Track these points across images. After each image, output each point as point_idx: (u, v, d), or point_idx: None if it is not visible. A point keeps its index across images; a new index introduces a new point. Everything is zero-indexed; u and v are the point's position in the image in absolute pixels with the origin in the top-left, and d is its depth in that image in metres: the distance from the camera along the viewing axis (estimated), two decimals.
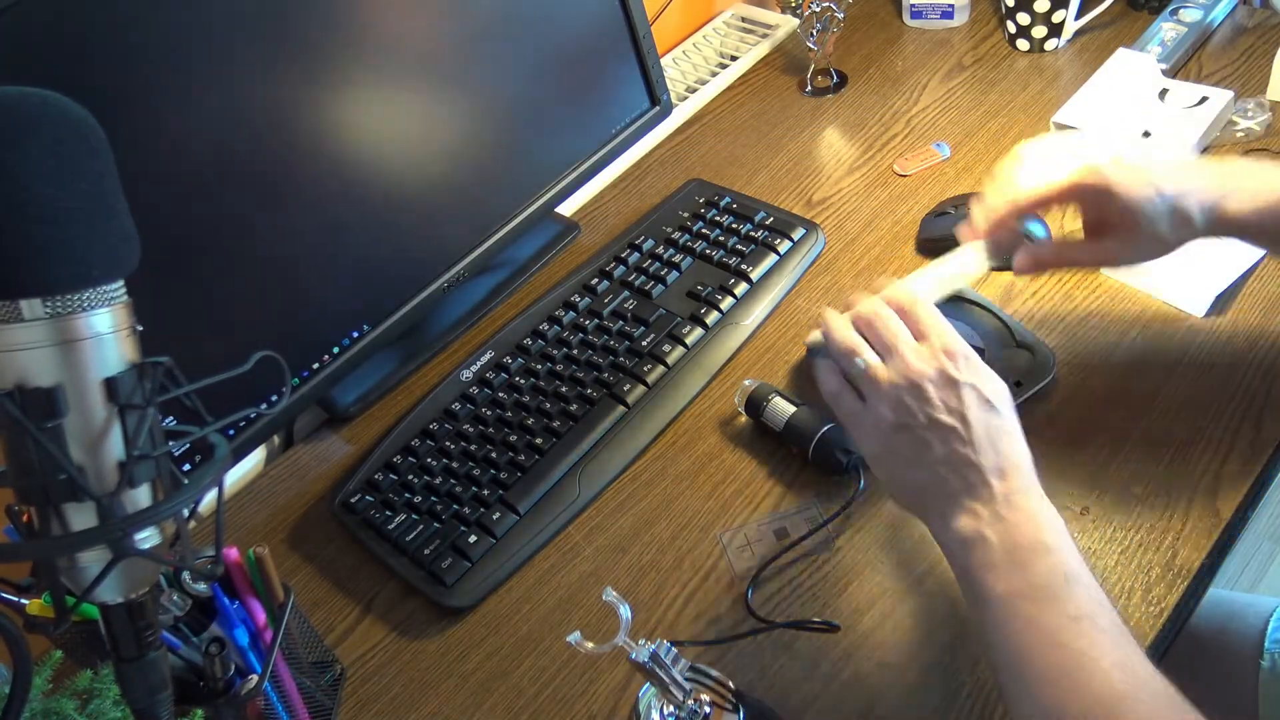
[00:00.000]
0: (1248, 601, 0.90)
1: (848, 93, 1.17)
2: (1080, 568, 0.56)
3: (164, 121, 0.71)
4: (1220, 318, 0.84)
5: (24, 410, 0.38)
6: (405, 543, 0.80)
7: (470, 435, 0.87)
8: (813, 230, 0.99)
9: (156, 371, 0.41)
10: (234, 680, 0.63)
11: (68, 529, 0.40)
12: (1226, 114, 0.99)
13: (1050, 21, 1.13)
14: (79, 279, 0.39)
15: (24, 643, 0.39)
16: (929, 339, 0.64)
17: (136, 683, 0.44)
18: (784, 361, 0.90)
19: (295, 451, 0.93)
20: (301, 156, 0.80)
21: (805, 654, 0.70)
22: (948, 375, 0.62)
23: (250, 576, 0.65)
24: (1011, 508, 0.58)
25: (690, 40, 1.30)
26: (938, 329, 0.64)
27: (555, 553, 0.80)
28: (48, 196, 0.38)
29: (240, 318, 0.81)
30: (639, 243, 1.00)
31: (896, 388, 0.63)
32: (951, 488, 0.60)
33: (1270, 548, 1.55)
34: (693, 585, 0.76)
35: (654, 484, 0.83)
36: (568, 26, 0.96)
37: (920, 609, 0.71)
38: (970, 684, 0.67)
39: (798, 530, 0.77)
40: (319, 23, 0.78)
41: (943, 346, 0.63)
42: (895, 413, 0.62)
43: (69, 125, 0.39)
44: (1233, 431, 0.76)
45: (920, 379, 0.62)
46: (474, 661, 0.75)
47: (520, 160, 0.97)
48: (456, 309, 1.00)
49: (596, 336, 0.93)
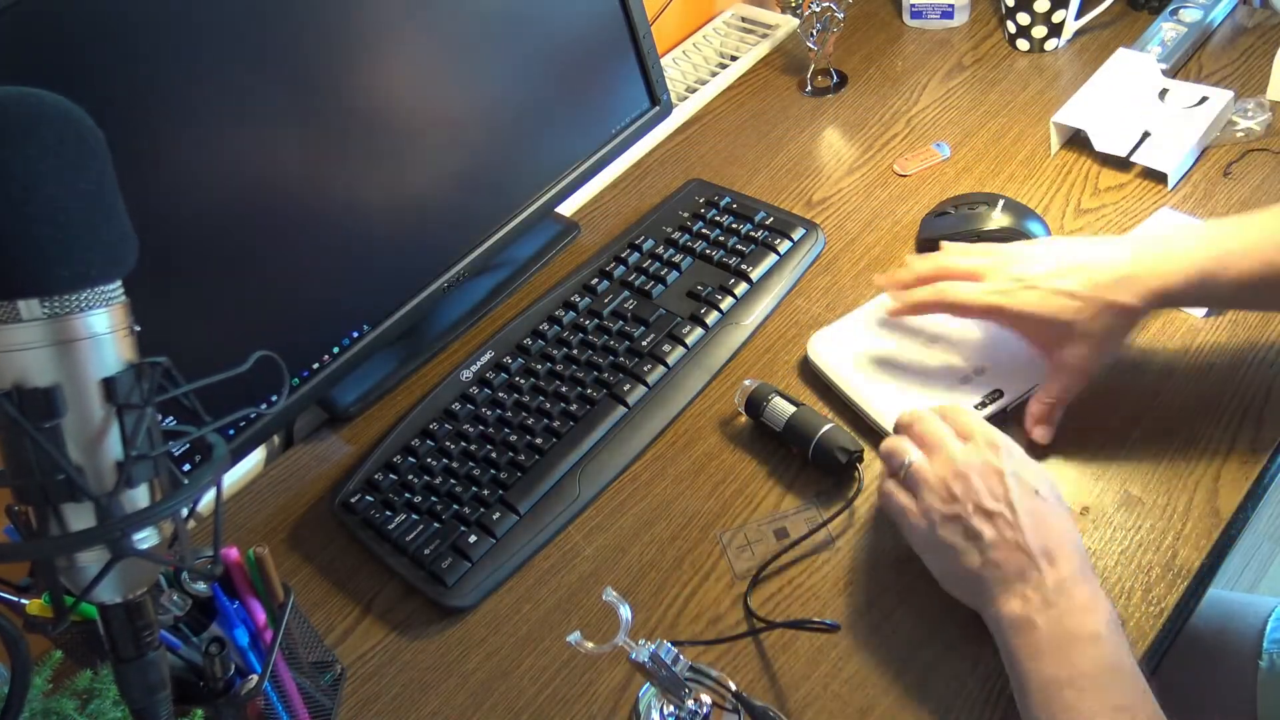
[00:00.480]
0: (1246, 602, 0.90)
1: (848, 93, 1.17)
2: (1125, 658, 0.58)
3: (164, 122, 0.71)
4: (1220, 318, 0.84)
5: (22, 410, 0.38)
6: (405, 543, 0.80)
7: (470, 435, 0.87)
8: (813, 230, 0.99)
9: (154, 371, 0.41)
10: (234, 680, 0.63)
11: (66, 529, 0.40)
12: (1226, 114, 0.99)
13: (1050, 21, 1.13)
14: (77, 279, 0.39)
15: (23, 643, 0.39)
16: (973, 436, 0.67)
17: (135, 683, 0.44)
18: (784, 361, 0.90)
19: (295, 451, 0.93)
20: (301, 156, 0.80)
21: (805, 654, 0.70)
22: (992, 465, 0.64)
23: (250, 576, 0.65)
24: (1062, 594, 0.59)
25: (690, 40, 1.30)
26: (980, 427, 0.67)
27: (555, 553, 0.80)
28: (46, 196, 0.38)
29: (240, 318, 0.81)
30: (639, 243, 1.00)
31: (943, 480, 0.65)
32: (1002, 572, 0.62)
33: (1270, 548, 1.55)
34: (693, 585, 0.76)
35: (654, 484, 0.83)
36: (568, 26, 0.96)
37: (920, 609, 0.71)
38: (970, 684, 0.67)
39: (798, 530, 0.77)
40: (318, 24, 0.78)
41: (987, 440, 0.66)
42: (944, 503, 0.64)
43: (68, 125, 0.39)
44: (1233, 431, 0.76)
45: (966, 469, 0.64)
46: (474, 661, 0.75)
47: (520, 160, 0.97)
48: (456, 309, 1.00)
49: (596, 336, 0.93)
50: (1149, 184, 0.97)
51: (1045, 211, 0.96)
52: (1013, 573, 0.61)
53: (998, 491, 0.63)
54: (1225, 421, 0.77)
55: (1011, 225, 0.90)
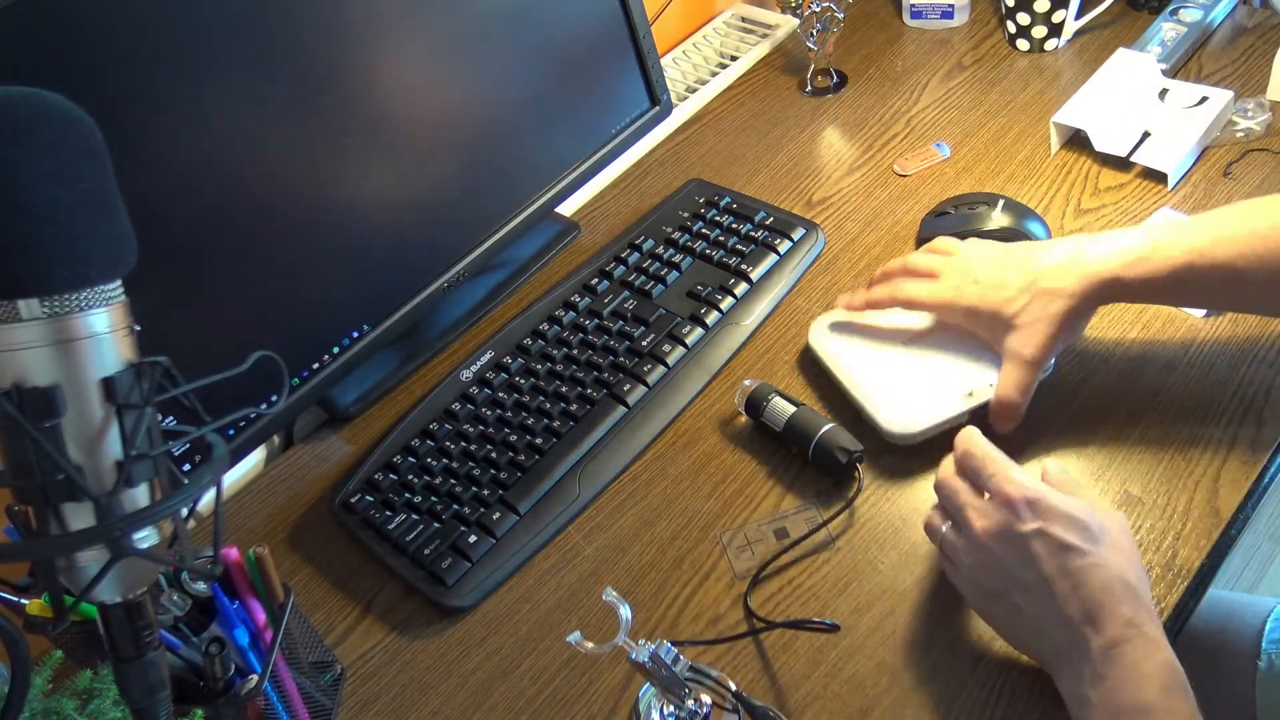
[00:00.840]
0: (1245, 602, 0.90)
1: (848, 93, 1.17)
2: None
3: (164, 122, 0.71)
4: (1220, 318, 0.84)
5: (22, 410, 0.38)
6: (405, 543, 0.80)
7: (470, 435, 0.87)
8: (813, 230, 0.99)
9: (154, 371, 0.41)
10: (234, 680, 0.63)
11: (66, 529, 0.40)
12: (1226, 114, 0.99)
13: (1050, 21, 1.13)
14: (77, 279, 0.39)
15: (23, 643, 0.39)
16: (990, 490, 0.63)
17: (135, 683, 0.44)
18: (784, 361, 0.90)
19: (295, 451, 0.93)
20: (301, 156, 0.80)
21: (805, 654, 0.70)
22: (1013, 532, 0.60)
23: (250, 576, 0.65)
24: (1111, 663, 0.56)
25: (690, 40, 1.30)
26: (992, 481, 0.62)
27: (555, 553, 0.80)
28: (46, 196, 0.38)
29: (240, 317, 0.81)
30: (639, 243, 1.00)
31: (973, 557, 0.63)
32: (1053, 645, 0.60)
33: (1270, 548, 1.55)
34: (693, 585, 0.76)
35: (654, 484, 0.83)
36: (568, 26, 0.96)
37: (920, 609, 0.71)
38: (970, 684, 0.66)
39: (798, 530, 0.77)
40: (318, 24, 0.78)
41: (1002, 498, 0.61)
42: (985, 580, 0.63)
43: (68, 125, 0.39)
44: (1233, 431, 0.76)
45: (988, 541, 0.61)
46: (474, 661, 0.75)
47: (520, 160, 0.97)
48: (456, 309, 1.00)
49: (596, 336, 0.93)
50: (1149, 184, 0.97)
51: (1045, 211, 0.96)
52: (1063, 647, 0.59)
53: (1026, 560, 0.60)
54: (1225, 421, 0.77)
55: (1011, 225, 0.90)
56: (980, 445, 0.65)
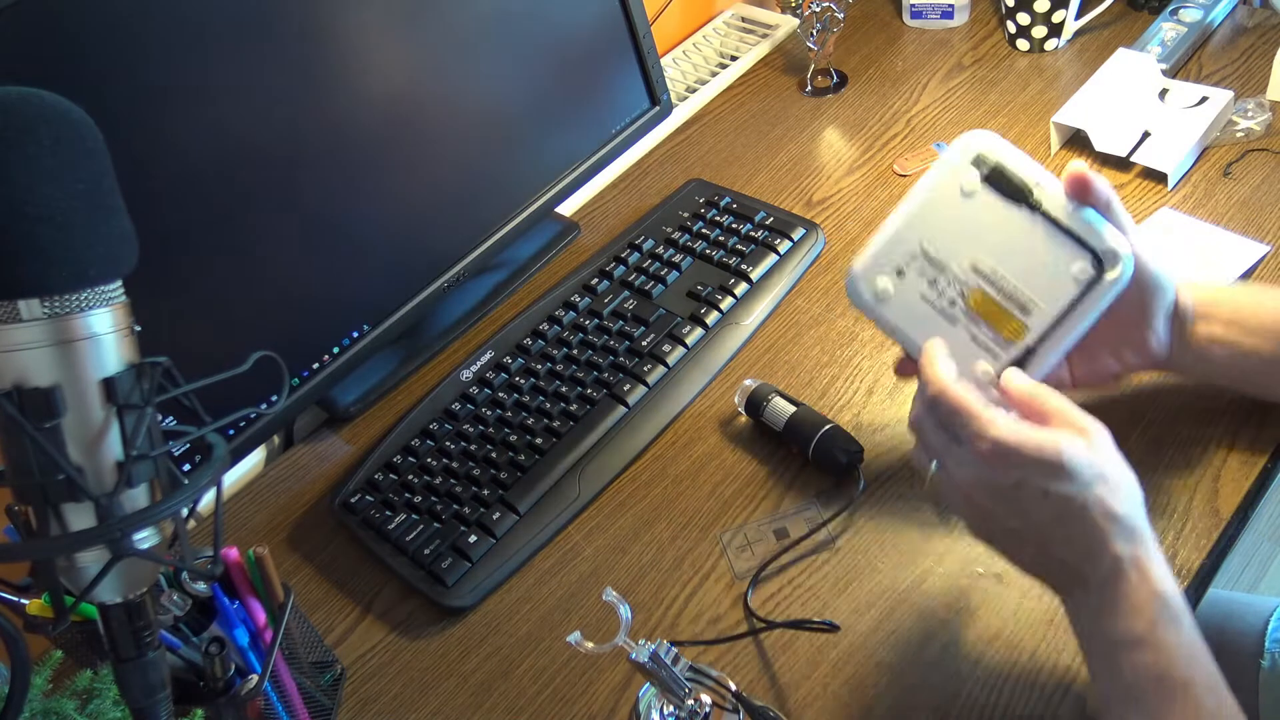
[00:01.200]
0: (1247, 601, 0.90)
1: (848, 93, 1.17)
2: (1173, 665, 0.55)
3: (163, 121, 0.71)
4: None
5: (22, 410, 0.38)
6: (405, 543, 0.80)
7: (470, 435, 0.87)
8: (813, 230, 0.99)
9: (155, 371, 0.41)
10: (234, 680, 0.63)
11: (66, 529, 0.40)
12: (1226, 114, 0.99)
13: (1050, 21, 1.13)
14: (77, 279, 0.39)
15: (23, 643, 0.39)
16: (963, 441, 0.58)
17: (135, 683, 0.44)
18: (784, 361, 0.90)
19: (295, 451, 0.93)
20: (301, 156, 0.80)
21: (805, 654, 0.70)
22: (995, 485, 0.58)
23: (250, 576, 0.65)
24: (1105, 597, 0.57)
25: (690, 40, 1.30)
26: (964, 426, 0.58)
27: (555, 553, 0.80)
28: (45, 196, 0.38)
29: (240, 318, 0.81)
30: (639, 243, 1.00)
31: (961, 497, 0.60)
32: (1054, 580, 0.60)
33: (1270, 548, 1.55)
34: (693, 585, 0.76)
35: (654, 484, 0.83)
36: (568, 26, 0.96)
37: (920, 609, 0.71)
38: (971, 684, 0.67)
39: (798, 530, 0.77)
40: (318, 24, 0.78)
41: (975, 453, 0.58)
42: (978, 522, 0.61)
43: (67, 125, 0.39)
44: (1233, 431, 0.76)
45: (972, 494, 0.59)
46: (474, 661, 0.75)
47: (520, 160, 0.97)
48: (456, 309, 1.00)
49: (596, 336, 0.93)
50: (1149, 184, 0.97)
51: None
52: (1062, 583, 0.59)
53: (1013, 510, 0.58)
54: (1225, 421, 0.77)
55: None
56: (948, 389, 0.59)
